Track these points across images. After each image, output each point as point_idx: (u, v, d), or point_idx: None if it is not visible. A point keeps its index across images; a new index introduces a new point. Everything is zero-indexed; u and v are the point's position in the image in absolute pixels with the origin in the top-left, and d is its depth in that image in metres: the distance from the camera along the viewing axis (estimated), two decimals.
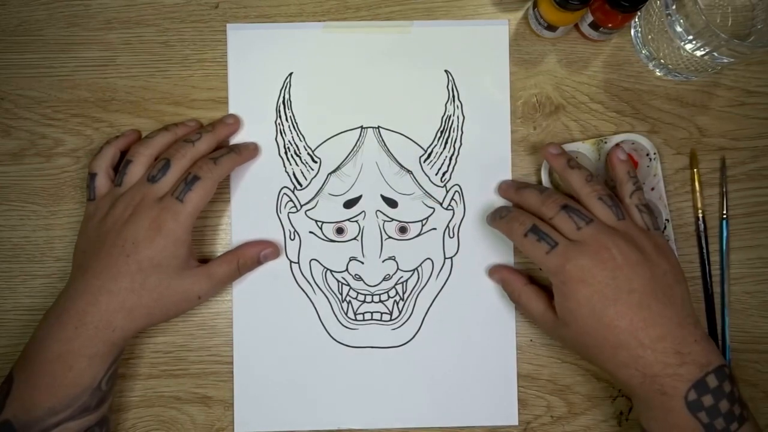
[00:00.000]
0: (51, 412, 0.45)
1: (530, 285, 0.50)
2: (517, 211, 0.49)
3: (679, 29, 0.48)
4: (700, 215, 0.54)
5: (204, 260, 0.51)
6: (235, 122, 0.53)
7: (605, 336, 0.44)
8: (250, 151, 0.53)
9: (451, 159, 0.54)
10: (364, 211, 0.54)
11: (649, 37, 0.52)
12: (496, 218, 0.50)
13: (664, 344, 0.43)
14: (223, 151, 0.51)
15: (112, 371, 0.48)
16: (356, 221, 0.54)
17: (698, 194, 0.54)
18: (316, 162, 0.54)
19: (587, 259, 0.44)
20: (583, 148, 0.53)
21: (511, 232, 0.48)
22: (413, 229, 0.54)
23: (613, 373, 0.45)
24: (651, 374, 0.43)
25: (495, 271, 0.53)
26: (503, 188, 0.53)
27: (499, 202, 0.54)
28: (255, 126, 0.54)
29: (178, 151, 0.49)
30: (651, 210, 0.48)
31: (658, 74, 0.55)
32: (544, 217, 0.47)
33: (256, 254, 0.52)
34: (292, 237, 0.54)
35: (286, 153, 0.54)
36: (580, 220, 0.45)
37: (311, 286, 0.54)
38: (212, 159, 0.49)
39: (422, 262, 0.54)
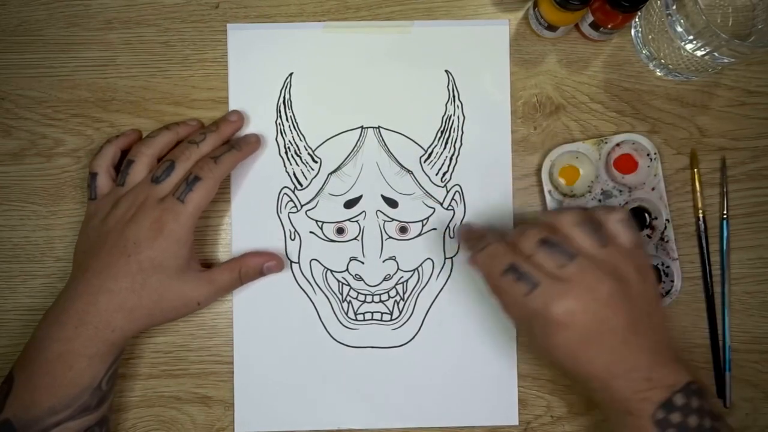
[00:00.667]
0: (51, 411, 0.45)
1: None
2: (495, 245, 0.44)
3: (679, 29, 0.48)
4: (701, 215, 0.54)
5: (206, 264, 0.51)
6: (239, 119, 0.53)
7: (578, 371, 0.43)
8: (251, 145, 0.52)
9: (451, 159, 0.54)
10: (364, 211, 0.54)
11: (650, 37, 0.52)
12: (471, 249, 0.46)
13: (636, 374, 0.42)
14: (224, 149, 0.50)
15: (112, 371, 0.47)
16: (357, 221, 0.54)
17: (698, 194, 0.54)
18: (316, 162, 0.54)
19: (572, 300, 0.41)
20: (583, 148, 0.53)
21: (488, 269, 0.44)
22: (413, 229, 0.54)
23: (583, 391, 0.45)
24: (620, 398, 0.43)
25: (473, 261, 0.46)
26: (463, 236, 0.50)
27: (499, 203, 0.54)
28: (255, 126, 0.54)
29: (182, 153, 0.49)
30: (631, 221, 0.45)
31: (659, 74, 0.55)
32: (521, 254, 0.43)
33: (259, 265, 0.52)
34: (293, 237, 0.54)
35: (286, 153, 0.54)
36: (562, 257, 0.42)
37: (311, 286, 0.54)
38: (213, 158, 0.49)
39: (422, 262, 0.54)
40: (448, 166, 0.54)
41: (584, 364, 0.42)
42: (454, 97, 0.55)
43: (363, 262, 0.54)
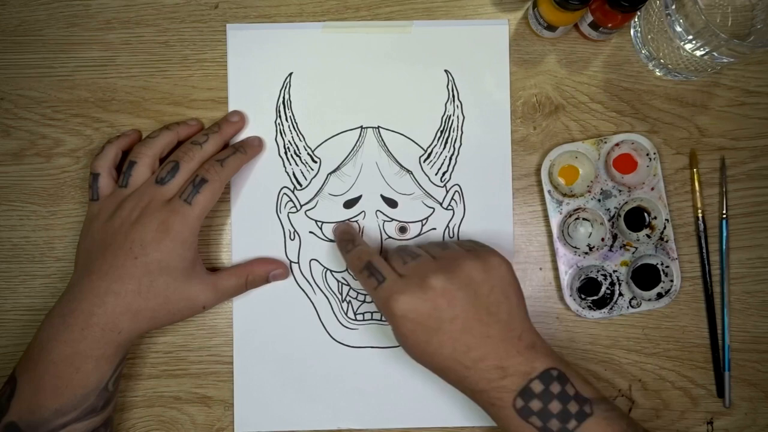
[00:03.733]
0: (58, 413, 0.45)
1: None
2: (360, 248, 0.49)
3: (678, 29, 0.48)
4: (700, 215, 0.54)
5: (210, 266, 0.51)
6: (240, 119, 0.53)
7: (431, 361, 0.45)
8: (254, 148, 0.53)
9: (451, 159, 0.54)
10: (364, 211, 0.54)
11: (649, 37, 0.52)
12: (342, 251, 0.50)
13: (486, 363, 0.43)
14: (229, 152, 0.51)
15: (118, 372, 0.48)
16: (356, 221, 0.54)
17: (698, 194, 0.54)
18: (316, 162, 0.54)
19: (409, 294, 0.44)
20: (583, 148, 0.53)
21: (352, 267, 0.48)
22: (413, 229, 0.54)
23: (457, 389, 0.46)
24: (478, 390, 0.44)
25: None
26: (338, 236, 0.52)
27: (499, 203, 0.54)
28: (255, 126, 0.54)
29: (186, 154, 0.49)
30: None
31: (658, 74, 0.55)
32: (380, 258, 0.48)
33: (265, 273, 0.53)
34: (292, 237, 0.54)
35: (286, 153, 0.54)
36: (407, 256, 0.46)
37: (311, 286, 0.54)
38: (219, 161, 0.49)
39: None
40: (448, 166, 0.54)
41: (432, 355, 0.44)
42: (453, 96, 0.55)
43: None
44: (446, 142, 0.54)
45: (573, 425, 0.42)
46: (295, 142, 0.54)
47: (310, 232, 0.54)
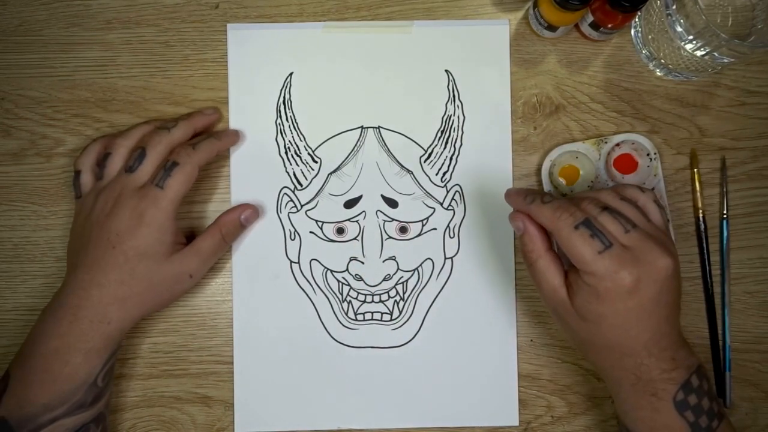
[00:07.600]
0: (46, 408, 0.45)
1: (551, 252, 0.45)
2: (562, 200, 0.44)
3: (679, 29, 0.48)
4: (701, 215, 0.54)
5: (189, 234, 0.51)
6: (213, 113, 0.53)
7: (621, 343, 0.42)
8: (230, 136, 0.53)
9: (451, 159, 0.54)
10: (364, 211, 0.54)
11: (650, 37, 0.52)
12: (535, 202, 0.44)
13: (666, 353, 0.43)
14: (202, 137, 0.51)
15: (108, 367, 0.47)
16: (356, 221, 0.54)
17: (698, 194, 0.54)
18: (316, 162, 0.54)
19: (640, 270, 0.41)
20: (583, 148, 0.53)
21: (556, 222, 0.42)
22: (413, 229, 0.54)
23: (606, 371, 0.44)
24: (647, 378, 0.43)
25: (518, 218, 0.46)
26: (512, 197, 0.47)
27: (499, 203, 0.54)
28: (255, 126, 0.54)
29: (152, 138, 0.49)
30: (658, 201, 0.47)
31: (659, 74, 0.55)
32: (588, 214, 0.43)
33: (236, 219, 0.52)
34: (293, 237, 0.54)
35: (286, 153, 0.54)
36: (626, 223, 0.42)
37: (311, 286, 0.54)
38: (191, 145, 0.49)
39: (422, 262, 0.54)
40: (448, 166, 0.54)
41: (632, 336, 0.42)
42: (454, 96, 0.55)
43: (363, 262, 0.54)
44: (447, 142, 0.54)
45: (715, 424, 0.43)
46: (295, 142, 0.54)
47: (311, 232, 0.54)
